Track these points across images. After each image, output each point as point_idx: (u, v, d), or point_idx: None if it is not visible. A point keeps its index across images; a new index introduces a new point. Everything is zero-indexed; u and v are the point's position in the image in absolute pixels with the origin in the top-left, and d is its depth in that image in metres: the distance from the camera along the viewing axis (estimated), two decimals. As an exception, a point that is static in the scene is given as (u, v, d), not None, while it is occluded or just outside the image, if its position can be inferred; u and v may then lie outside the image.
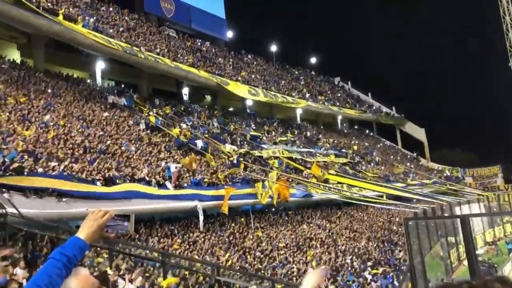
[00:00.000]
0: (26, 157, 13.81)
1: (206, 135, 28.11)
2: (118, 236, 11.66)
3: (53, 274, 1.55)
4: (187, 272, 12.37)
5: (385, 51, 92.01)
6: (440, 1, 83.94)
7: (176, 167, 19.34)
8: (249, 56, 49.18)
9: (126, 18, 34.33)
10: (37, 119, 17.96)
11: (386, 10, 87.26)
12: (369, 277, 18.98)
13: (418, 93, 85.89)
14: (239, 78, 38.19)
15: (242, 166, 24.75)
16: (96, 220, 1.74)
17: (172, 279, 10.78)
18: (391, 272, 19.73)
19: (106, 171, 16.29)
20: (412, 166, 49.97)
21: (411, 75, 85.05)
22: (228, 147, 27.44)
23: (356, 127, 59.04)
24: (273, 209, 24.98)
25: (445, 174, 49.93)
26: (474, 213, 18.14)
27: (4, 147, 13.74)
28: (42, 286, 1.51)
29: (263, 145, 31.90)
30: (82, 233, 1.71)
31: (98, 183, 15.26)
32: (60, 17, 23.48)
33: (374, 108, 58.40)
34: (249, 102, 40.21)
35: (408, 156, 55.93)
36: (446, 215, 17.11)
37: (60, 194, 13.62)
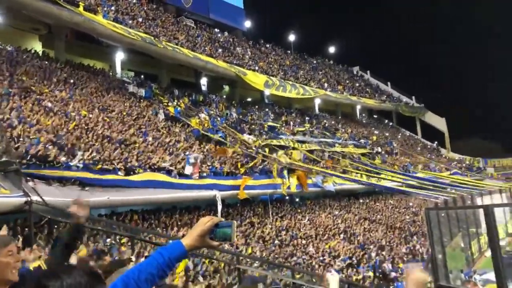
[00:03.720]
0: (50, 147, 14.06)
1: (225, 125, 28.21)
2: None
3: (144, 270, 1.58)
4: (206, 261, 12.53)
5: (406, 39, 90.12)
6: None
7: (195, 158, 19.37)
8: (267, 46, 48.97)
9: (144, 8, 34.50)
10: (59, 109, 18.24)
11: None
12: (388, 267, 18.92)
13: (438, 82, 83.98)
14: (257, 68, 38.07)
15: (260, 156, 24.79)
16: (199, 226, 1.73)
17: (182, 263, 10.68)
18: (409, 263, 19.61)
19: (127, 160, 16.51)
20: (433, 156, 49.38)
21: (432, 64, 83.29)
22: (247, 137, 27.51)
23: (375, 117, 58.38)
24: (292, 199, 25.03)
25: (464, 165, 49.19)
26: (497, 203, 17.82)
27: (31, 137, 14.03)
28: (130, 280, 1.55)
29: (281, 136, 31.87)
30: (186, 239, 1.70)
31: (120, 172, 15.48)
32: (81, 8, 23.73)
33: (394, 97, 57.64)
34: (267, 92, 40.11)
35: (428, 146, 55.21)
36: (467, 205, 16.88)
37: (83, 183, 13.90)
